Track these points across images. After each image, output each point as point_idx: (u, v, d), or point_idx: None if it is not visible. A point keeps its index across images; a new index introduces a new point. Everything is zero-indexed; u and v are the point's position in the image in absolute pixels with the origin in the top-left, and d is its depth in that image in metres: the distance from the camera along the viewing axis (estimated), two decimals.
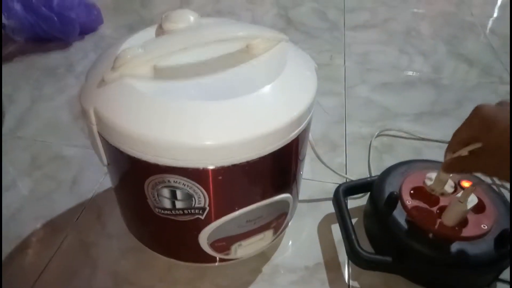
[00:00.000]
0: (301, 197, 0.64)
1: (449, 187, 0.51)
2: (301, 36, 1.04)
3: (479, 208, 0.50)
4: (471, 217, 0.49)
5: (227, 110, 0.37)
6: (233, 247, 0.47)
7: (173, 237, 0.48)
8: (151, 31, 0.47)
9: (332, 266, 0.55)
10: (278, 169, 0.44)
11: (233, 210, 0.43)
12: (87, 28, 1.02)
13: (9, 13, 0.91)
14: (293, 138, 0.41)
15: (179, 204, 0.41)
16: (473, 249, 0.46)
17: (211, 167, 0.38)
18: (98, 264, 0.54)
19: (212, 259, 0.49)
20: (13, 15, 0.91)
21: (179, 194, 0.40)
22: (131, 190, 0.45)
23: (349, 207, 0.57)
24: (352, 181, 0.61)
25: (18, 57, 0.95)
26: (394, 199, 0.50)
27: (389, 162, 0.69)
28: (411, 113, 0.81)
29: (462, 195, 0.46)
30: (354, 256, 0.50)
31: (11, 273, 0.53)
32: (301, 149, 0.46)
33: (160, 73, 0.40)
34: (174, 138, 0.36)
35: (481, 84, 0.90)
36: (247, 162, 0.38)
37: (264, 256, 0.55)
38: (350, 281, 0.53)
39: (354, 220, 0.60)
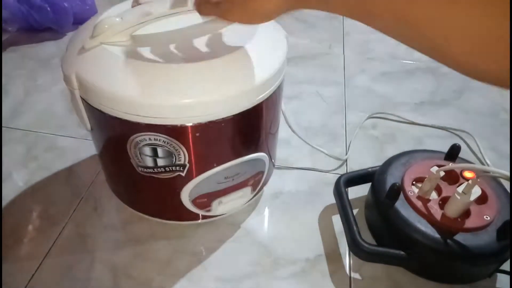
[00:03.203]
0: (301, 187, 0.63)
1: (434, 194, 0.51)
2: (299, 25, 1.02)
3: (482, 199, 0.49)
4: (473, 208, 0.48)
5: (202, 70, 0.40)
6: (214, 204, 0.50)
7: (157, 195, 0.50)
8: (129, 3, 0.49)
9: (333, 257, 0.54)
10: (251, 128, 0.47)
11: (212, 166, 0.46)
12: (81, 18, 1.00)
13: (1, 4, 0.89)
14: (263, 99, 0.43)
15: (160, 162, 0.44)
16: (475, 240, 0.46)
17: (189, 124, 0.41)
18: (96, 257, 0.53)
19: (195, 217, 0.52)
20: (6, 5, 0.89)
21: (160, 152, 0.43)
22: (115, 151, 0.47)
23: (350, 197, 0.56)
24: (353, 171, 0.60)
25: (11, 47, 0.93)
26: (396, 190, 0.49)
27: (390, 151, 0.69)
28: (411, 103, 0.81)
29: (466, 187, 0.45)
30: (355, 248, 0.50)
31: (8, 267, 0.52)
32: (272, 112, 0.49)
33: (137, 41, 0.42)
34: (153, 97, 0.39)
35: None
36: (222, 119, 0.41)
37: (264, 248, 0.55)
38: (351, 273, 0.52)
39: (355, 211, 0.59)
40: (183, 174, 0.45)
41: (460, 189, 0.46)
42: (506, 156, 0.69)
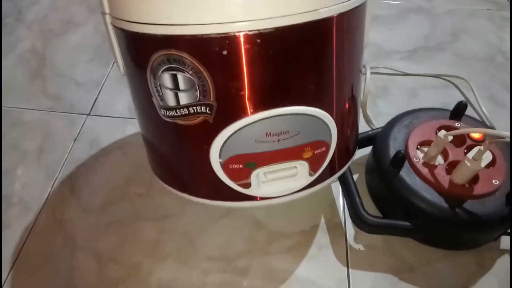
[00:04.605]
0: None
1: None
2: None
3: (490, 161, 0.46)
4: (482, 172, 0.45)
5: None
6: (254, 176, 0.38)
7: (182, 155, 0.40)
8: None
9: (329, 227, 0.51)
10: (315, 60, 0.34)
11: (246, 113, 0.34)
12: None
13: None
14: (347, 8, 0.33)
15: (183, 98, 0.34)
16: (484, 207, 0.43)
17: (213, 33, 0.30)
18: (77, 243, 0.50)
19: (230, 194, 0.39)
20: None
21: (181, 81, 0.33)
22: (138, 90, 0.39)
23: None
24: None
25: None
26: (401, 158, 0.46)
27: (384, 107, 0.65)
28: (404, 50, 0.75)
29: (477, 153, 0.42)
30: (359, 221, 0.47)
31: None
32: (357, 37, 0.37)
33: None
34: None
35: (477, 12, 0.83)
36: (269, 31, 0.30)
37: (257, 223, 0.52)
38: (349, 242, 0.50)
39: (355, 176, 0.56)
40: (211, 121, 0.35)
41: (470, 155, 0.43)
42: (503, 104, 0.66)
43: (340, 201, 0.54)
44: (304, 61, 0.34)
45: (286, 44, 0.32)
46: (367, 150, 0.55)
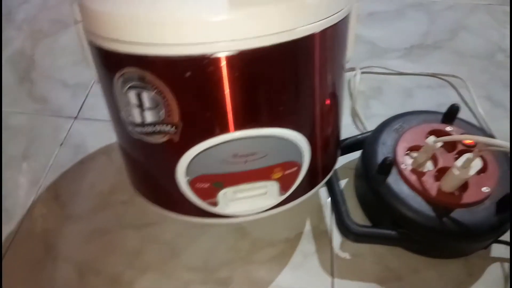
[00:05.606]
0: None
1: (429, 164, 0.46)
2: None
3: (481, 167, 0.44)
4: (472, 179, 0.43)
5: None
6: (221, 195, 0.37)
7: (151, 170, 0.40)
8: None
9: (315, 235, 0.50)
10: (285, 82, 0.32)
11: (212, 134, 0.33)
12: None
13: None
14: (327, 25, 0.31)
15: (147, 116, 0.33)
16: (473, 216, 0.41)
17: (175, 55, 0.29)
18: (59, 253, 0.49)
19: (196, 210, 0.39)
20: None
21: (145, 98, 0.32)
22: (109, 104, 0.38)
23: (337, 166, 0.51)
24: (341, 140, 0.54)
25: None
26: (389, 165, 0.44)
27: (376, 108, 0.63)
28: (401, 48, 0.73)
29: (466, 161, 0.40)
30: (344, 229, 0.45)
31: None
32: (336, 53, 0.35)
33: None
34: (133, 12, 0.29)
35: (478, 7, 0.80)
36: (233, 53, 0.29)
37: (241, 231, 0.50)
38: (335, 251, 0.49)
39: (344, 181, 0.54)
40: (176, 140, 0.34)
41: (459, 162, 0.41)
42: (501, 105, 0.64)
43: (328, 207, 0.52)
44: (273, 83, 0.32)
45: (251, 67, 0.30)
46: (358, 153, 0.54)
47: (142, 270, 0.48)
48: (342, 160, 0.56)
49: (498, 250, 0.48)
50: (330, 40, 0.33)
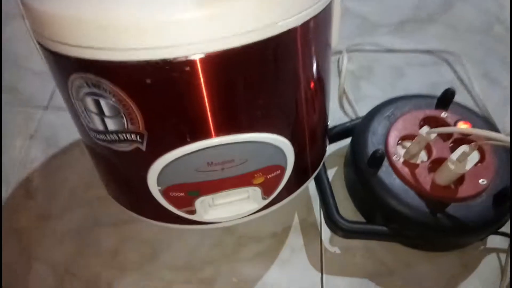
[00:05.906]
0: None
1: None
2: None
3: (479, 158, 0.42)
4: (468, 171, 0.40)
5: None
6: (198, 203, 0.35)
7: (123, 177, 0.37)
8: None
9: (303, 228, 0.48)
10: (260, 84, 0.29)
11: (183, 142, 0.30)
12: None
13: None
14: (308, 16, 0.27)
15: (109, 124, 0.30)
16: (469, 211, 0.39)
17: (131, 60, 0.25)
18: (33, 254, 0.46)
19: (174, 217, 0.36)
20: None
21: (104, 106, 0.29)
22: (67, 106, 0.33)
23: (326, 153, 0.48)
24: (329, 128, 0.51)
25: None
26: (379, 158, 0.41)
27: (366, 89, 0.60)
28: (392, 23, 0.68)
29: (462, 155, 0.37)
30: (333, 225, 0.43)
31: None
32: (320, 47, 0.31)
33: None
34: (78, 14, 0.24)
35: None
36: (198, 56, 0.25)
37: (225, 228, 0.48)
38: (324, 245, 0.47)
39: (333, 170, 0.51)
40: (144, 149, 0.31)
41: (455, 156, 0.38)
42: (498, 83, 0.60)
43: (317, 199, 0.50)
44: (248, 87, 0.28)
45: (221, 71, 0.26)
46: (347, 140, 0.50)
47: (121, 270, 0.45)
48: (331, 148, 0.53)
49: (494, 240, 0.46)
50: (313, 33, 0.29)
